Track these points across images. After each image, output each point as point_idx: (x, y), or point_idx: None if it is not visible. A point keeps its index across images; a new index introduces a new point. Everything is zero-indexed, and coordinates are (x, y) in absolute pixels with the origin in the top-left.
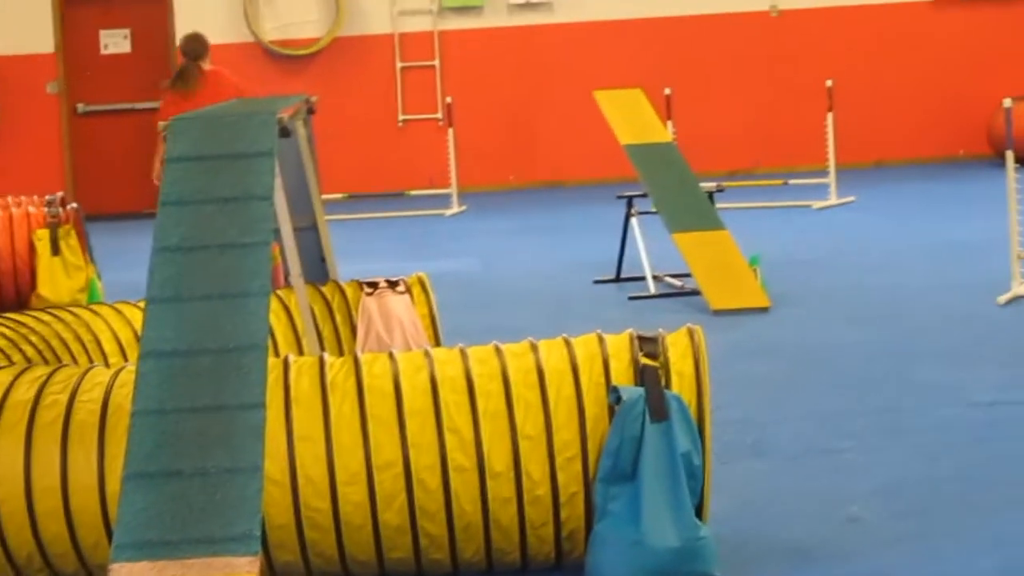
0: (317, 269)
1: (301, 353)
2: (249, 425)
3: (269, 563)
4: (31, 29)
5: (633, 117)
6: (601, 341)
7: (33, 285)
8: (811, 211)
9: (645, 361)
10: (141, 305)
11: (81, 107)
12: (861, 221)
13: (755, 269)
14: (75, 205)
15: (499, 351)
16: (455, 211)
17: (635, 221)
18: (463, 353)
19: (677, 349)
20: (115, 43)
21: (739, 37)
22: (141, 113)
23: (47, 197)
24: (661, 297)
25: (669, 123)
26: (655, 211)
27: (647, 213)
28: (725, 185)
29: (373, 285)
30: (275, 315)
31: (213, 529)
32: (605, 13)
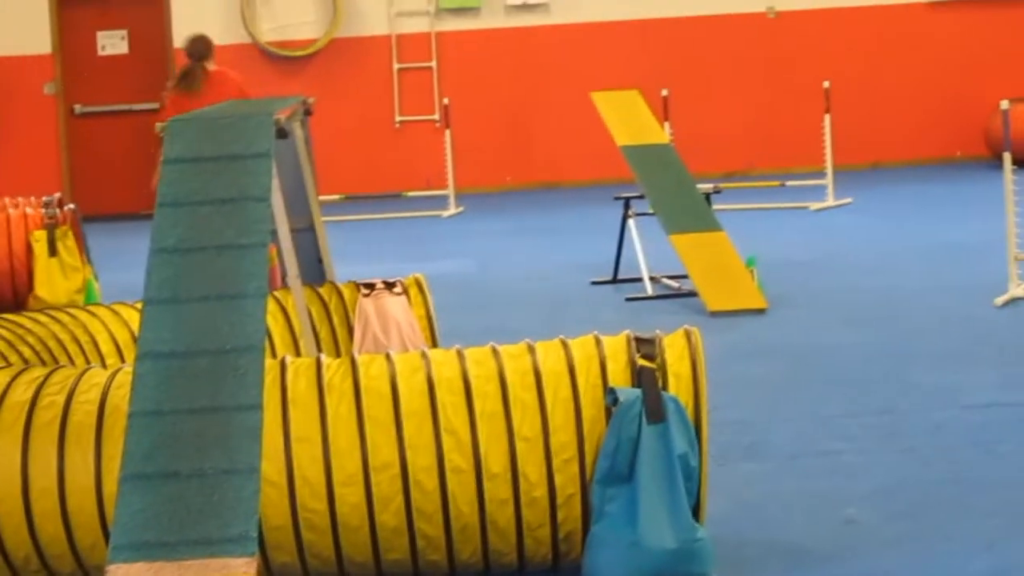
0: (314, 270)
1: (298, 354)
2: (246, 426)
3: (266, 564)
4: (28, 30)
5: (630, 118)
6: (598, 342)
7: (30, 286)
8: (808, 212)
9: (642, 362)
10: (138, 306)
11: (78, 108)
12: (858, 223)
13: (752, 270)
14: (72, 206)
15: (496, 352)
16: (452, 212)
17: (632, 222)
18: (460, 354)
19: (674, 350)
20: (112, 44)
21: (736, 38)
22: (138, 114)
23: (44, 198)
24: (658, 298)
25: (666, 124)
26: (652, 212)
27: (644, 214)
28: (722, 186)
29: (370, 286)
30: (272, 316)
31: (210, 530)
32: (602, 14)
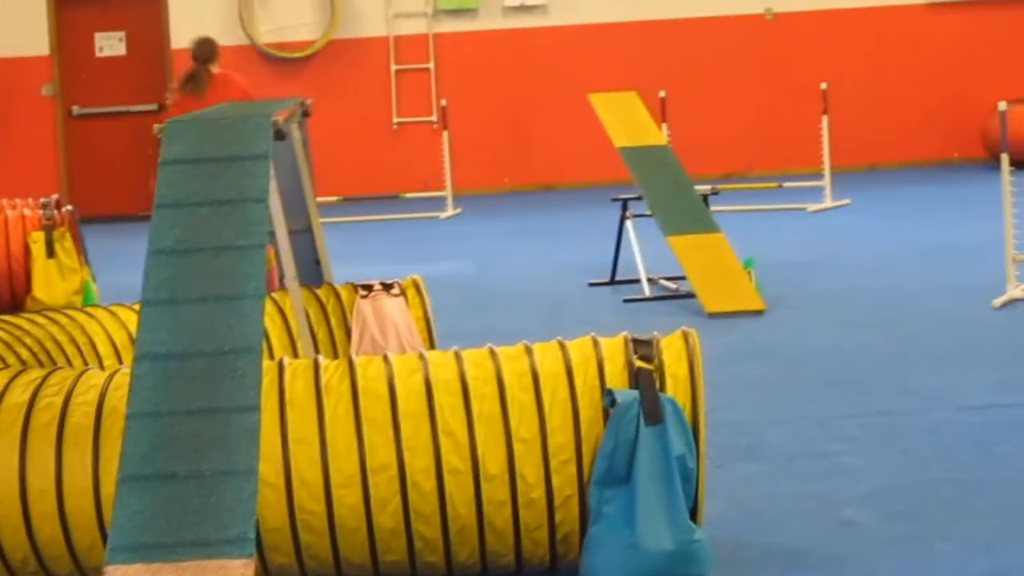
0: (312, 272)
1: (296, 356)
2: (244, 428)
3: (264, 566)
4: (26, 31)
5: (628, 120)
6: (596, 344)
7: (28, 287)
8: (806, 214)
9: (640, 364)
10: (136, 308)
11: (76, 109)
12: (856, 224)
13: (750, 272)
14: (70, 207)
15: (494, 354)
16: (450, 214)
17: (630, 224)
18: (458, 356)
19: (672, 352)
20: (110, 46)
21: (734, 40)
22: (136, 115)
23: (42, 200)
24: (656, 300)
25: (664, 126)
26: (650, 214)
27: (642, 216)
28: (720, 188)
29: (368, 288)
30: (270, 318)
31: (208, 531)
32: (600, 16)
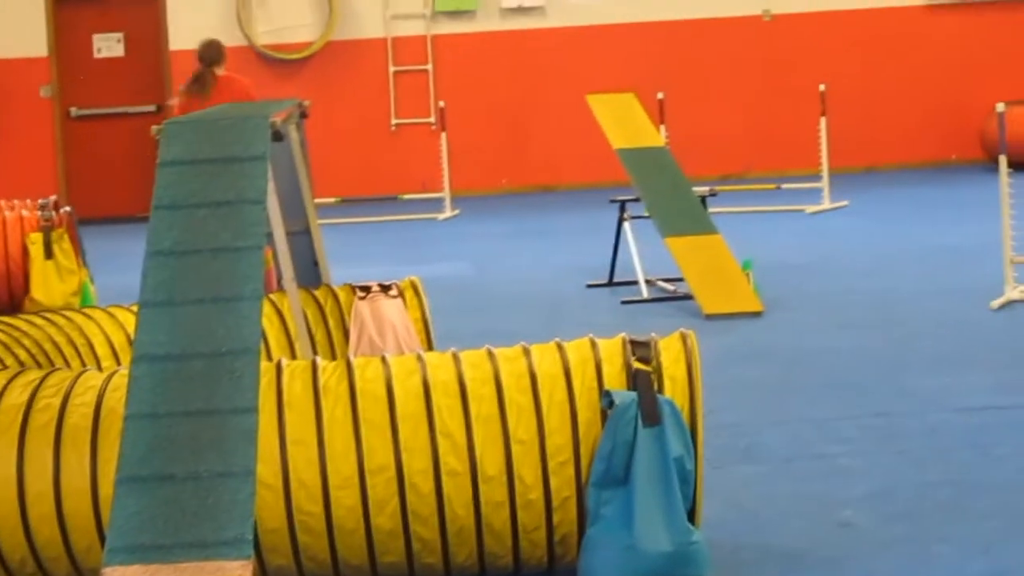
0: (310, 273)
1: (294, 357)
2: (241, 429)
3: (262, 567)
4: (24, 33)
5: (626, 121)
6: (594, 345)
7: (26, 288)
8: (804, 215)
9: (638, 365)
10: (134, 309)
11: (74, 111)
12: (854, 225)
13: (748, 273)
14: (68, 209)
15: (492, 355)
16: (448, 215)
17: (628, 225)
18: (456, 357)
19: (670, 353)
20: (108, 47)
21: (732, 41)
22: (134, 117)
23: (40, 201)
24: (654, 301)
25: (662, 127)
26: (648, 215)
27: (640, 217)
28: (718, 189)
29: (366, 289)
30: (268, 319)
31: (205, 533)
32: (598, 17)
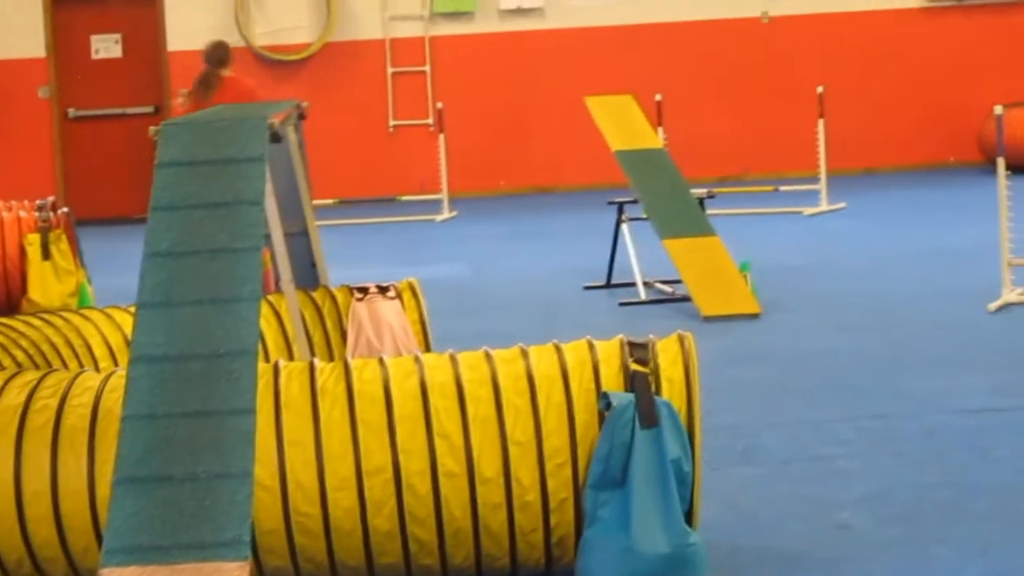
0: (308, 274)
1: (291, 358)
2: (239, 430)
3: (259, 568)
4: (22, 33)
5: (624, 123)
6: (591, 347)
7: (24, 289)
8: (802, 217)
9: (635, 367)
10: (131, 310)
11: (72, 112)
12: (852, 228)
13: (745, 275)
14: (66, 209)
15: (489, 357)
16: (446, 217)
17: (626, 227)
18: (453, 359)
19: (667, 355)
20: (106, 48)
21: (730, 43)
22: (132, 118)
23: (38, 201)
24: (651, 303)
25: (660, 129)
26: (646, 217)
27: (638, 219)
28: (716, 191)
29: (363, 291)
30: (265, 320)
31: (203, 534)
32: (596, 19)
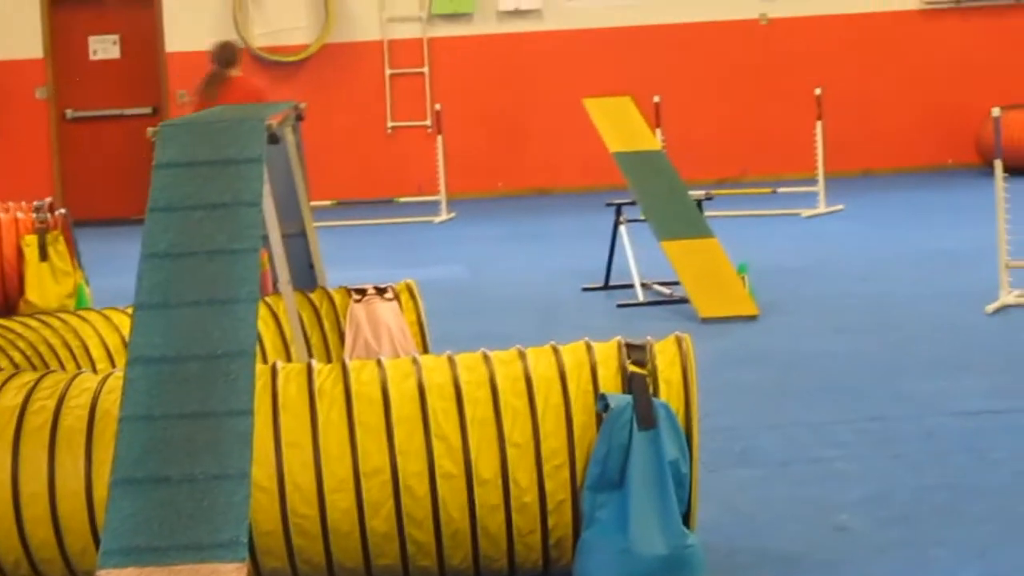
0: (305, 276)
1: (289, 360)
2: (237, 431)
3: (256, 569)
4: (20, 34)
5: (622, 125)
6: (589, 349)
7: (21, 290)
8: (800, 219)
9: (633, 369)
10: (129, 311)
11: (70, 113)
12: (850, 229)
13: (743, 277)
14: (63, 211)
15: (487, 358)
16: (444, 218)
17: (624, 229)
18: (451, 360)
19: (665, 357)
20: (104, 49)
21: (728, 45)
22: (130, 119)
23: (35, 203)
24: (649, 305)
25: (658, 131)
26: (644, 219)
27: (636, 221)
28: (714, 193)
29: (361, 292)
30: (263, 322)
31: (200, 535)
32: (594, 21)
